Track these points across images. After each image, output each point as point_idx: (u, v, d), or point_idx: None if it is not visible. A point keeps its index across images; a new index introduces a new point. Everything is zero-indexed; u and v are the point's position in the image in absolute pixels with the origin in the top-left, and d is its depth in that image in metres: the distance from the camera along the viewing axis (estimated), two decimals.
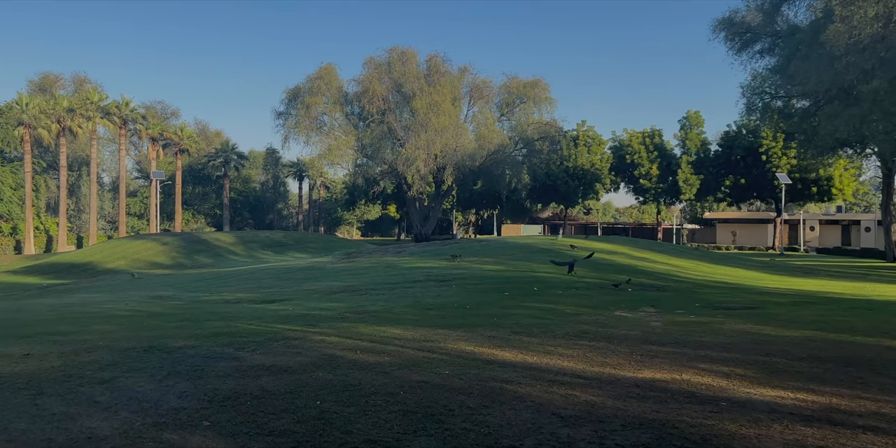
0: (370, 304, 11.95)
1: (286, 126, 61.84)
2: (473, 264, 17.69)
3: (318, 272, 18.46)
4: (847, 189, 66.36)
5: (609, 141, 76.81)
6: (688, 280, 15.70)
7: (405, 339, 8.42)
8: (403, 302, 12.09)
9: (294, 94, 61.77)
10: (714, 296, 12.98)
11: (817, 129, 28.98)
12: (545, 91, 63.54)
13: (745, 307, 11.44)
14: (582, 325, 9.47)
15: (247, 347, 7.90)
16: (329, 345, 8.02)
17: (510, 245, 21.12)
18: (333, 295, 13.58)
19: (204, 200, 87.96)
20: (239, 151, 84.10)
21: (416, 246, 23.52)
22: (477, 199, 77.10)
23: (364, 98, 59.71)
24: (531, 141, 63.20)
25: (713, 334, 8.68)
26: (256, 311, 11.51)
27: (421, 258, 20.01)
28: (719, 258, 23.51)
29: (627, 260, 18.97)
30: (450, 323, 9.63)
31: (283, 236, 43.42)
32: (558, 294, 12.96)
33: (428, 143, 56.05)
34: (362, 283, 15.36)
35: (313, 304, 12.11)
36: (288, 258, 32.47)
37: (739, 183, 69.04)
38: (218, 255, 34.30)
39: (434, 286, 14.17)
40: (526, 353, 7.51)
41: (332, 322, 9.87)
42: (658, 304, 11.64)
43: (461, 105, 63.19)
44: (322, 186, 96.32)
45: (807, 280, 18.11)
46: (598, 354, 7.44)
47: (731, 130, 71.29)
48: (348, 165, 63.39)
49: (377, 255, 21.75)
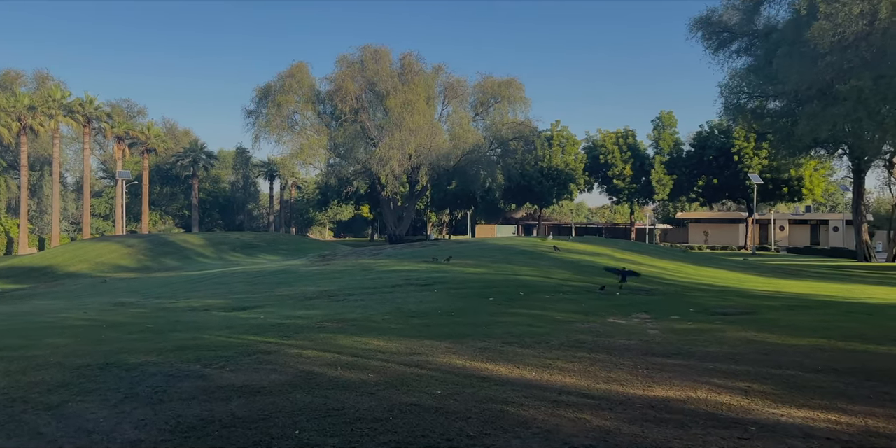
0: (348, 311, 11.25)
1: (257, 125, 60.61)
2: (454, 267, 17.05)
3: (292, 276, 17.67)
4: (817, 189, 67.14)
5: (583, 141, 76.87)
6: (675, 283, 15.25)
7: (389, 351, 7.75)
8: (384, 308, 11.41)
9: (265, 93, 60.58)
10: (706, 300, 12.52)
11: (795, 128, 28.91)
12: (519, 90, 63.21)
13: (740, 312, 10.98)
14: (577, 333, 8.89)
15: (215, 363, 7.17)
16: (307, 359, 7.32)
17: (490, 247, 20.52)
18: (308, 301, 12.85)
19: (172, 201, 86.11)
20: (208, 151, 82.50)
21: (393, 248, 22.80)
22: (451, 200, 76.56)
23: (337, 97, 58.75)
24: (506, 141, 62.81)
25: (717, 344, 8.16)
26: (226, 319, 10.74)
27: (399, 261, 19.31)
28: (702, 259, 23.20)
29: (612, 262, 18.46)
30: (436, 333, 8.99)
31: (253, 238, 42.30)
32: (546, 299, 12.39)
33: (402, 142, 55.30)
34: (339, 287, 14.64)
35: (287, 312, 11.37)
36: (259, 261, 31.50)
37: (712, 183, 69.46)
38: (186, 258, 33.16)
39: (415, 291, 13.50)
40: (523, 367, 6.90)
41: (309, 332, 9.16)
42: (651, 310, 11.13)
43: (435, 104, 62.56)
44: (294, 186, 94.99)
45: (793, 282, 17.81)
46: (600, 368, 6.85)
47: (704, 131, 71.72)
48: (321, 165, 62.39)
49: (353, 258, 21.00)
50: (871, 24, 20.73)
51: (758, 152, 65.71)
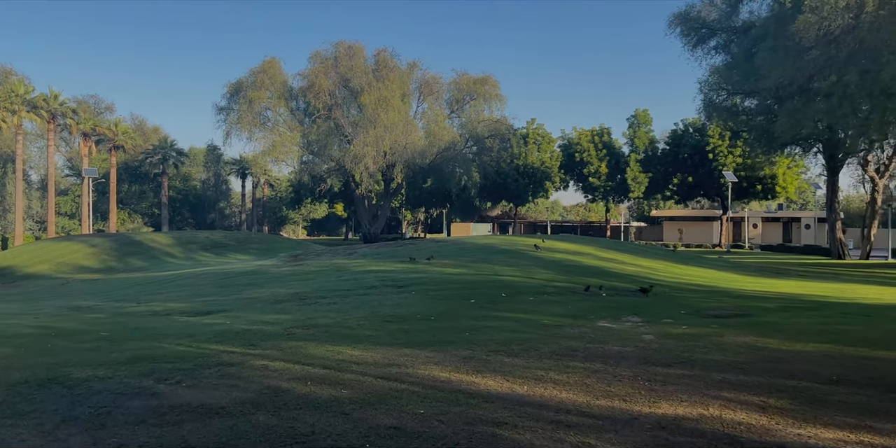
0: (320, 315, 10.53)
1: (228, 121, 59.26)
2: (432, 267, 16.37)
3: (262, 277, 16.85)
4: (790, 187, 67.65)
5: (559, 139, 76.67)
6: (662, 283, 14.74)
7: (365, 362, 7.06)
8: (359, 313, 10.70)
9: (236, 89, 59.25)
10: (697, 301, 12.01)
11: (774, 125, 28.67)
12: (495, 88, 62.65)
13: (734, 314, 10.47)
14: (567, 340, 8.28)
15: (170, 378, 6.43)
16: (273, 373, 6.60)
17: (469, 246, 19.87)
18: (278, 304, 12.09)
19: (141, 199, 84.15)
20: (178, 148, 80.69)
21: (368, 247, 22.02)
22: (426, 198, 75.87)
23: (310, 93, 57.68)
24: (481, 139, 62.25)
25: (718, 351, 7.60)
26: (188, 325, 9.95)
27: (374, 261, 18.57)
28: (686, 258, 22.79)
29: (595, 261, 17.95)
30: (415, 340, 8.32)
31: (223, 237, 41.15)
32: (529, 301, 11.78)
33: (377, 139, 54.43)
34: (311, 289, 13.88)
35: (255, 317, 10.61)
36: (229, 260, 30.49)
37: (687, 181, 69.65)
38: (153, 258, 32.00)
39: (392, 293, 12.81)
40: (513, 380, 6.26)
41: (277, 340, 8.43)
42: (641, 312, 10.57)
43: (411, 101, 61.76)
44: (266, 184, 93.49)
45: (781, 281, 17.43)
46: (598, 381, 6.24)
47: (679, 129, 71.89)
48: (293, 162, 61.21)
49: (326, 258, 20.20)
50: (856, 17, 20.48)
51: (732, 150, 66.00)
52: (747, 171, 65.73)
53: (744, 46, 29.19)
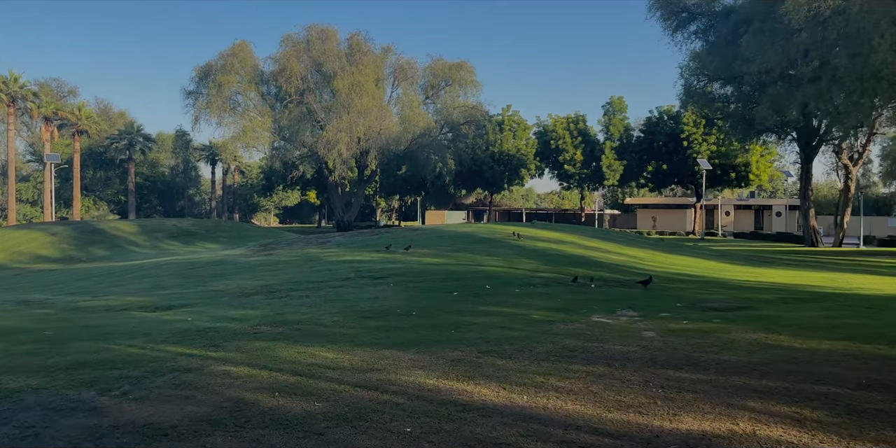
0: (291, 311, 9.70)
1: (196, 106, 57.53)
2: (411, 257, 15.57)
3: (230, 267, 15.92)
4: (763, 175, 67.92)
5: (534, 126, 76.08)
6: (651, 272, 14.13)
7: (342, 367, 6.28)
8: (333, 307, 9.90)
9: (205, 72, 57.50)
10: (691, 293, 11.40)
11: (755, 111, 28.24)
12: (471, 74, 61.75)
13: (734, 307, 9.87)
14: (562, 338, 7.57)
15: (116, 388, 5.59)
16: (236, 381, 5.79)
17: (448, 234, 19.09)
18: (246, 298, 11.22)
19: (107, 186, 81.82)
20: (145, 133, 78.48)
21: (342, 235, 21.10)
22: (401, 185, 74.88)
23: (281, 77, 56.22)
24: (457, 125, 61.37)
25: (727, 349, 6.95)
26: (145, 322, 9.07)
27: (349, 250, 17.72)
28: (671, 247, 22.29)
29: (579, 250, 17.30)
30: (397, 339, 7.55)
31: (191, 225, 39.82)
32: (516, 293, 11.07)
33: (350, 125, 53.26)
34: (281, 281, 13.02)
35: (220, 312, 9.76)
36: (197, 249, 29.33)
37: (661, 169, 69.54)
38: (116, 247, 30.68)
39: (368, 285, 12.01)
40: (510, 388, 5.53)
41: (243, 340, 7.60)
42: (636, 305, 9.92)
43: (385, 86, 60.58)
44: (237, 171, 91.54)
45: (770, 270, 16.95)
46: (605, 388, 5.54)
47: (654, 116, 71.71)
48: (264, 148, 59.76)
49: (298, 247, 19.28)
50: None
51: (706, 138, 66.01)
52: (721, 159, 65.80)
53: (725, 31, 28.69)
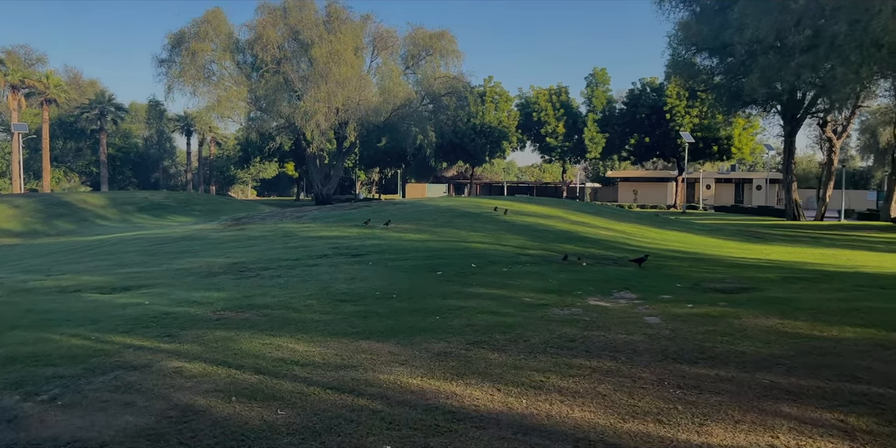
0: (260, 293, 8.88)
1: (169, 75, 55.59)
2: (391, 233, 14.74)
3: (198, 243, 15.00)
4: (745, 148, 67.61)
5: (516, 98, 74.97)
6: (643, 249, 13.48)
7: (312, 363, 5.50)
8: (306, 289, 9.09)
9: (178, 40, 55.49)
10: (689, 271, 10.74)
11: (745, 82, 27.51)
12: (452, 43, 60.27)
13: (738, 288, 9.22)
14: (559, 325, 6.85)
15: (45, 391, 4.77)
16: (188, 381, 4.99)
17: (430, 208, 18.24)
18: (213, 278, 10.36)
19: (78, 157, 79.61)
20: (117, 103, 76.14)
21: (319, 209, 20.17)
22: (381, 157, 73.68)
23: (257, 45, 54.42)
24: (438, 96, 60.04)
25: (744, 338, 6.27)
26: (97, 307, 8.21)
27: (325, 225, 16.84)
28: (661, 222, 21.65)
29: (566, 225, 16.58)
30: (375, 327, 6.78)
31: (164, 197, 38.52)
32: (504, 272, 10.32)
33: (328, 95, 51.83)
34: (252, 258, 12.15)
35: (182, 294, 8.91)
36: (169, 223, 28.25)
37: (644, 141, 68.98)
38: (83, 221, 29.45)
39: (346, 263, 11.19)
40: (506, 389, 4.79)
41: (202, 328, 6.79)
42: (633, 286, 9.23)
43: (364, 56, 58.96)
44: (213, 142, 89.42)
45: (765, 246, 16.39)
46: (615, 388, 4.82)
47: (636, 89, 70.88)
48: (240, 119, 58.12)
49: (272, 221, 18.35)
50: None
51: (689, 111, 65.44)
52: (704, 132, 65.34)
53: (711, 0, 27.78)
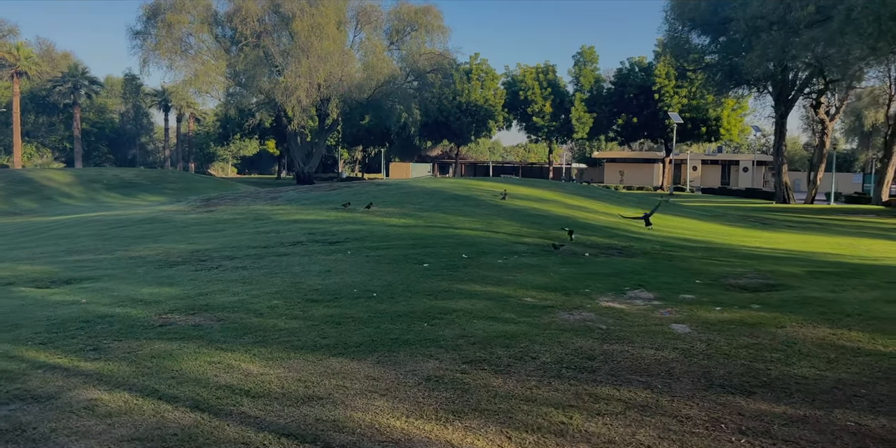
0: (220, 289, 7.66)
1: (145, 48, 53.52)
2: (374, 217, 13.50)
3: (161, 227, 13.69)
4: (734, 129, 66.81)
5: (502, 76, 73.46)
6: (648, 237, 12.37)
7: (268, 392, 4.31)
8: (273, 285, 7.87)
9: (154, 11, 53.37)
10: (704, 264, 9.64)
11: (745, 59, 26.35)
12: (437, 19, 58.63)
13: (764, 285, 8.14)
14: (571, 335, 5.71)
15: None
16: (100, 422, 3.79)
17: (416, 190, 16.95)
18: (168, 269, 9.12)
19: (51, 132, 77.05)
20: (91, 76, 73.63)
21: (297, 190, 18.82)
22: (364, 136, 72.03)
23: (236, 18, 52.48)
24: (423, 73, 58.37)
25: (798, 356, 5.17)
26: (22, 306, 6.95)
27: (302, 207, 15.55)
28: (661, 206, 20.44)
29: (563, 209, 15.40)
30: (351, 337, 5.60)
31: (135, 175, 36.84)
32: (499, 265, 9.16)
33: (310, 70, 50.10)
34: (217, 245, 10.89)
35: (128, 290, 7.67)
36: (138, 202, 26.75)
37: (631, 122, 67.93)
38: (47, 199, 27.84)
39: (321, 252, 9.97)
40: (518, 438, 3.63)
41: (140, 338, 5.57)
42: (647, 282, 8.12)
43: (347, 30, 57.10)
44: (192, 118, 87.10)
45: (774, 234, 15.35)
46: (660, 435, 3.69)
47: (625, 68, 69.64)
48: (219, 94, 56.29)
49: (245, 203, 17.00)
50: None
51: (678, 91, 64.38)
52: (692, 113, 64.40)
53: None
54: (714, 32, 33.39)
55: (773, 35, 23.27)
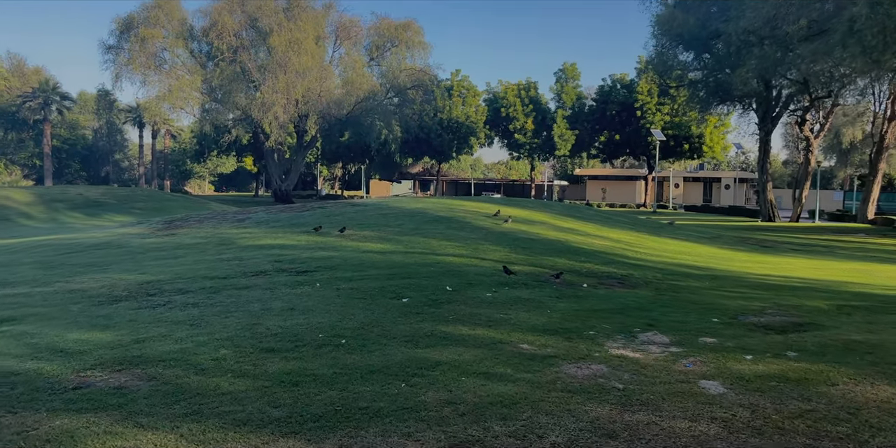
0: (161, 334, 6.49)
1: (117, 62, 52.39)
2: (348, 242, 12.35)
3: (114, 253, 12.46)
4: (717, 146, 66.69)
5: (484, 93, 73.11)
6: (647, 264, 11.37)
7: None
8: (226, 328, 6.71)
9: (127, 25, 52.27)
10: (715, 297, 8.62)
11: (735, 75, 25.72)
12: (418, 34, 58.13)
13: (791, 323, 7.14)
14: (583, 400, 4.63)
15: None
16: None
17: (395, 212, 15.82)
18: (109, 306, 7.92)
19: (20, 149, 75.09)
20: (63, 92, 72.05)
21: (267, 211, 17.60)
22: (344, 152, 70.96)
23: (213, 33, 51.53)
24: (403, 89, 57.62)
25: (869, 429, 4.14)
26: None
27: (270, 230, 14.36)
28: (653, 228, 19.50)
29: (554, 233, 14.32)
30: (309, 407, 4.46)
31: (101, 194, 35.31)
32: (488, 299, 8.07)
33: (287, 86, 49.13)
34: (171, 276, 9.70)
35: (50, 336, 6.47)
36: (102, 223, 25.34)
37: (614, 139, 67.64)
38: (4, 220, 26.25)
39: (286, 284, 8.83)
40: None
41: (40, 409, 4.40)
42: (658, 321, 7.08)
43: (326, 45, 56.34)
44: (168, 135, 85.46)
45: (781, 259, 14.43)
46: None
47: (607, 85, 69.47)
48: (194, 110, 55.01)
49: (210, 225, 15.77)
50: None
51: (660, 108, 64.26)
52: (675, 130, 64.22)
53: None
54: (700, 48, 32.94)
55: (766, 50, 22.66)
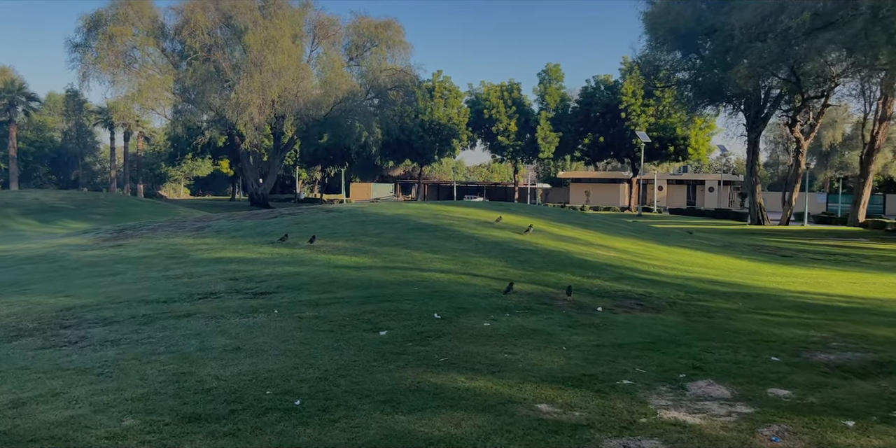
0: (52, 391, 4.81)
1: (84, 61, 50.13)
2: (317, 254, 10.69)
3: (45, 268, 10.72)
4: (702, 148, 65.76)
5: (466, 94, 71.72)
6: (664, 280, 9.87)
7: None
8: (144, 380, 5.05)
9: (94, 23, 50.13)
10: (758, 324, 7.10)
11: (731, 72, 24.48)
12: (399, 34, 56.57)
13: (870, 363, 5.65)
14: None
15: None
16: None
17: (374, 219, 14.07)
18: (4, 345, 6.24)
19: None
20: (29, 92, 69.39)
21: (230, 218, 15.80)
22: (323, 155, 69.07)
23: (185, 31, 49.57)
24: (384, 90, 55.96)
25: None
26: None
27: (231, 240, 12.63)
28: (659, 234, 18.00)
29: (552, 242, 12.67)
30: None
31: (60, 199, 33.25)
32: (486, 331, 6.48)
33: (263, 85, 47.27)
34: (100, 300, 8.01)
35: None
36: (55, 230, 23.36)
37: (598, 141, 66.45)
38: None
39: (237, 311, 7.18)
40: None
41: None
42: (703, 360, 5.54)
43: (303, 44, 54.53)
44: (141, 137, 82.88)
45: (809, 270, 12.94)
46: None
47: (590, 86, 68.36)
48: (165, 111, 52.82)
49: (164, 234, 14.00)
50: None
51: (645, 109, 63.24)
52: (660, 132, 63.20)
53: None
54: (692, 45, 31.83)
55: (769, 44, 21.43)
